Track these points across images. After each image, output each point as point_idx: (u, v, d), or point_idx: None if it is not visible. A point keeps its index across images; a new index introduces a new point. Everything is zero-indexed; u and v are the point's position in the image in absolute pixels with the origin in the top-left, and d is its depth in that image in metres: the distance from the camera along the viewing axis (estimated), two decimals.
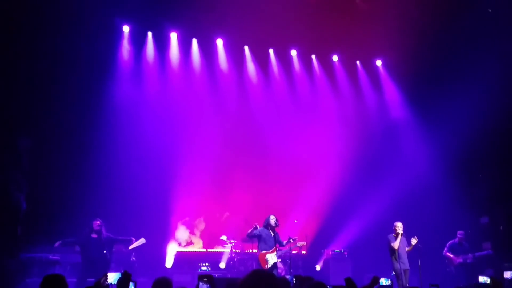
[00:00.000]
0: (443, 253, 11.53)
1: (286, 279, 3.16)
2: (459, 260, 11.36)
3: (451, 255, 11.45)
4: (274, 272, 8.95)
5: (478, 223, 12.84)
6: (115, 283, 4.42)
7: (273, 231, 9.48)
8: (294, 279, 4.45)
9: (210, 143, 12.50)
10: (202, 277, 3.56)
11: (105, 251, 9.61)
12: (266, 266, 8.96)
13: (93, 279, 7.93)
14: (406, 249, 9.64)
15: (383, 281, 6.44)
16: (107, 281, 4.66)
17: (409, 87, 13.67)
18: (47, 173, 11.03)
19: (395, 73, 13.95)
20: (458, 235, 11.55)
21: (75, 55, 11.13)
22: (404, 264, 9.49)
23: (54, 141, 11.19)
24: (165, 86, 12.80)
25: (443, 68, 12.66)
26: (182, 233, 12.48)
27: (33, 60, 10.77)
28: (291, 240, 9.46)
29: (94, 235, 9.51)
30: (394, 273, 9.51)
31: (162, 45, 12.86)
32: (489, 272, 10.93)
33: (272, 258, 9.22)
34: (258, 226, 9.50)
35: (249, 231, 9.49)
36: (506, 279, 7.60)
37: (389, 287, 6.05)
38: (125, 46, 12.48)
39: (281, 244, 9.51)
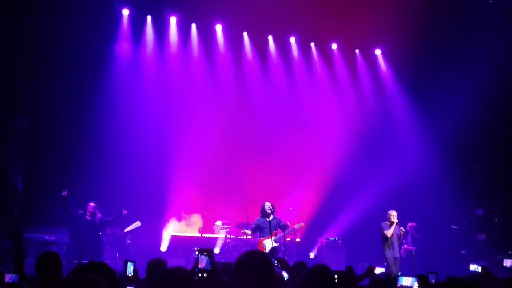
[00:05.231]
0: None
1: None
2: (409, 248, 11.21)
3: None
4: (274, 256, 9.02)
5: (473, 215, 12.88)
6: None
7: (269, 217, 9.53)
8: (276, 262, 4.45)
9: (207, 129, 12.50)
10: (202, 250, 3.56)
11: (100, 233, 9.70)
12: (264, 252, 9.04)
13: (81, 261, 7.98)
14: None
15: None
16: None
17: (407, 77, 13.60)
18: (44, 155, 11.07)
19: (393, 62, 13.88)
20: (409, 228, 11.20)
21: (74, 37, 11.15)
22: (395, 252, 9.54)
23: (51, 122, 11.24)
24: (163, 71, 12.81)
25: (441, 58, 12.63)
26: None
27: (31, 42, 10.78)
28: (286, 225, 9.50)
29: (88, 217, 9.55)
30: (385, 262, 9.57)
31: (161, 29, 12.84)
32: (483, 263, 10.97)
33: (269, 243, 9.35)
34: (246, 231, 9.89)
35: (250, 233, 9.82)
36: (506, 267, 7.67)
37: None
38: (124, 29, 12.43)
39: (283, 229, 9.55)
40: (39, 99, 11.05)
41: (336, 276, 3.68)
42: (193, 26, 13.09)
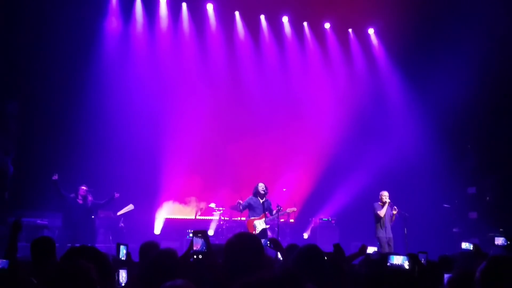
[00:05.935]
0: None
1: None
2: None
3: None
4: (264, 238, 9.04)
5: (465, 193, 12.96)
6: None
7: (262, 199, 9.53)
8: (269, 243, 4.45)
9: (199, 110, 12.40)
10: (196, 232, 3.51)
11: (93, 216, 9.68)
12: (254, 232, 9.05)
13: (74, 244, 7.95)
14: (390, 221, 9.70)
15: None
16: None
17: (400, 56, 13.53)
18: (35, 138, 10.95)
19: (386, 41, 13.78)
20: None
21: (63, 18, 10.90)
22: (388, 233, 9.60)
23: (42, 105, 11.07)
24: (154, 51, 12.62)
25: (434, 36, 12.54)
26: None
27: (20, 23, 10.54)
28: (279, 208, 9.50)
29: (79, 201, 9.51)
30: (378, 242, 9.62)
31: (151, 8, 12.60)
32: (475, 241, 11.07)
33: (260, 224, 9.32)
34: (240, 201, 9.58)
35: (239, 207, 9.57)
36: (497, 245, 7.77)
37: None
38: (114, 9, 12.20)
39: (271, 213, 9.56)
40: (30, 82, 10.89)
41: (326, 258, 3.69)
42: (184, 5, 12.89)
